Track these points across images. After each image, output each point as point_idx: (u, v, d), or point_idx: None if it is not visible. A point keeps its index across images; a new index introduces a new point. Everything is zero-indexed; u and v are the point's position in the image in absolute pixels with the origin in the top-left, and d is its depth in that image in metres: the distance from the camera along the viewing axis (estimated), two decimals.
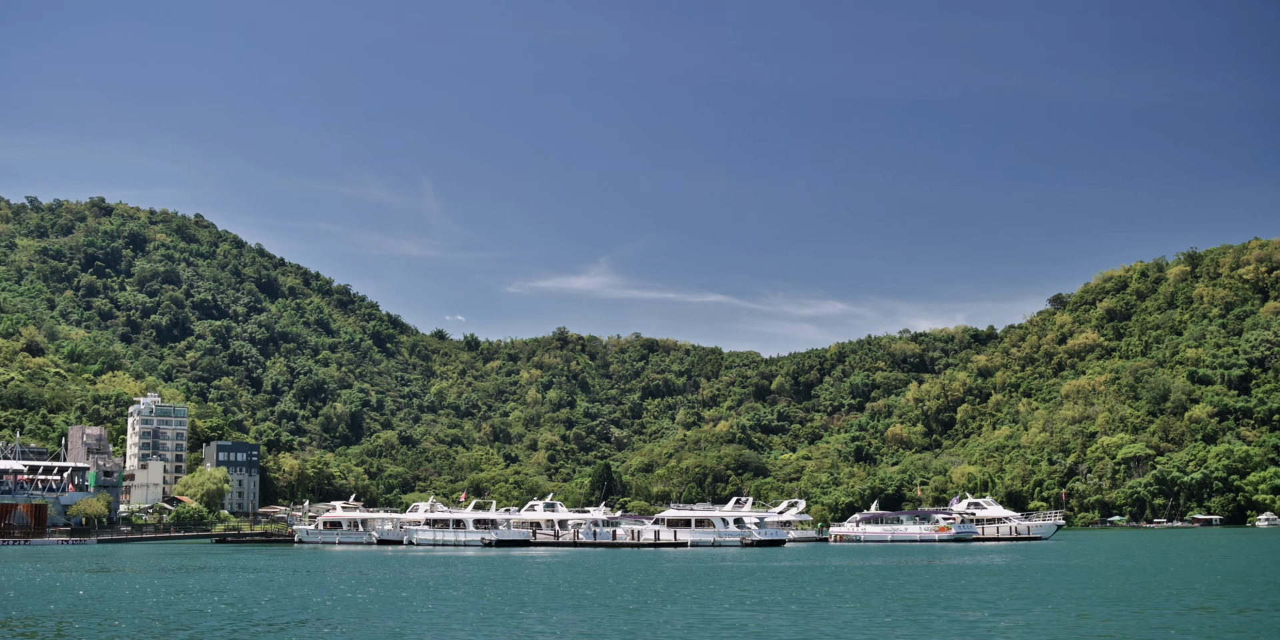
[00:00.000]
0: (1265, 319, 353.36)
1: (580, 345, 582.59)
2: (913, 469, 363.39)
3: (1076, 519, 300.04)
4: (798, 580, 68.70)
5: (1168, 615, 45.57)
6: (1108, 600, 53.08)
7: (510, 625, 45.13)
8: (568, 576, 75.26)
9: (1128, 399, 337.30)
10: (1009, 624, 43.08)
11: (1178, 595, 55.45)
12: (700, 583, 66.95)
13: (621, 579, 70.37)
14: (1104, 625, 42.68)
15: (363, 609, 52.91)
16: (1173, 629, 40.97)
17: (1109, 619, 44.55)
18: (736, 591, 59.97)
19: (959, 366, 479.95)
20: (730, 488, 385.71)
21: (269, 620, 48.53)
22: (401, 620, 47.44)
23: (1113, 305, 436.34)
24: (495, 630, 43.51)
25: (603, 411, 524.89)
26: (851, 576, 72.05)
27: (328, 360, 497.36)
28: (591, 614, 49.06)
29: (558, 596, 58.05)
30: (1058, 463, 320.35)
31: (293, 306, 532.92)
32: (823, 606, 51.88)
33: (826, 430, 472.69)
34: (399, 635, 42.52)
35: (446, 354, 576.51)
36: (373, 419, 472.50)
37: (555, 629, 43.39)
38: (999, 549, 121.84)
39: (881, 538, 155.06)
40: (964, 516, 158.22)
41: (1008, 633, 40.11)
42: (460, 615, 49.23)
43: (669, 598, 56.61)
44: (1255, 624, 42.62)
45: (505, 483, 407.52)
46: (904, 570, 79.64)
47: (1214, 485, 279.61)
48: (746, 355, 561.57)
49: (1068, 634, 39.88)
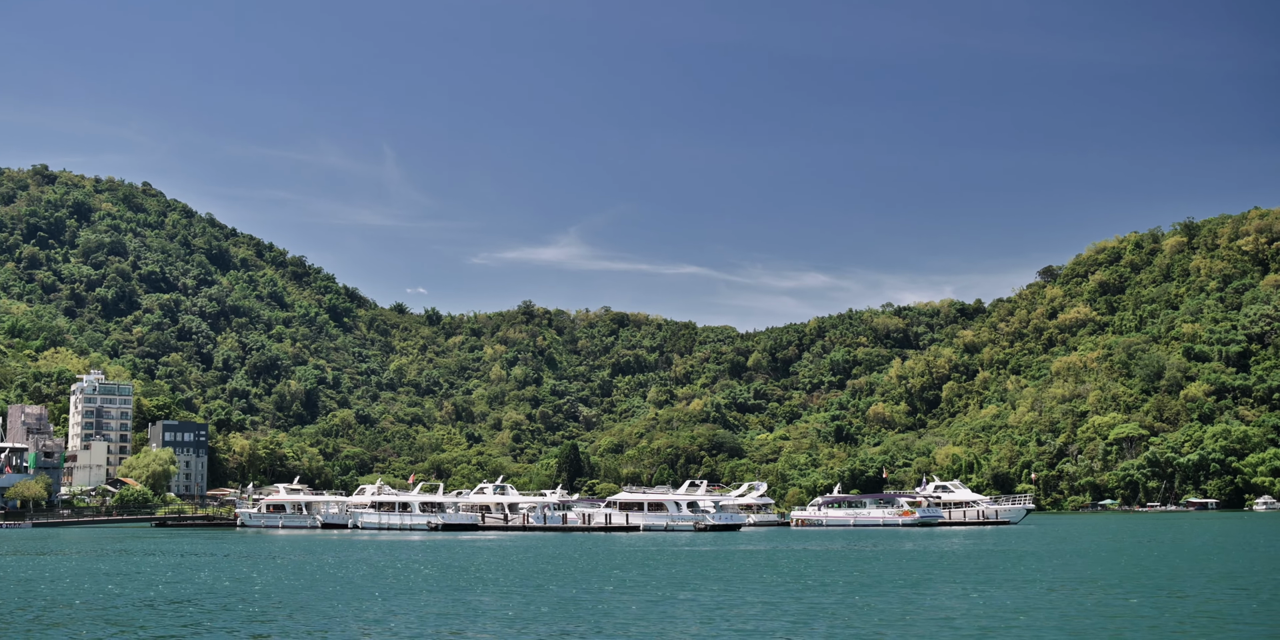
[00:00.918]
0: (1265, 292, 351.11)
1: (547, 319, 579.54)
2: (895, 450, 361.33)
3: (1066, 502, 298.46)
4: (713, 563, 69.53)
5: (1058, 602, 44.91)
6: (1014, 582, 53.54)
7: (358, 609, 45.39)
8: (484, 560, 75.61)
9: (1120, 377, 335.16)
10: (864, 607, 44.03)
11: (1098, 582, 54.43)
12: (613, 567, 67.12)
13: (538, 563, 70.43)
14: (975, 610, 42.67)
15: (247, 593, 53.04)
16: (1026, 613, 40.56)
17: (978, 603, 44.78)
18: (635, 575, 60.22)
19: (944, 342, 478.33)
20: (704, 469, 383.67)
21: (148, 600, 49.14)
22: (271, 605, 47.48)
23: (1106, 278, 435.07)
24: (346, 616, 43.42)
25: (570, 389, 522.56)
26: (780, 559, 73.45)
27: (281, 335, 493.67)
28: (437, 599, 49.05)
29: (446, 581, 57.64)
30: (1046, 444, 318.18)
31: (245, 279, 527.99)
32: (691, 586, 53.27)
33: (805, 409, 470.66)
34: (254, 619, 42.56)
35: (406, 329, 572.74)
36: (329, 397, 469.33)
37: (404, 614, 43.25)
38: (960, 533, 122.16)
39: (844, 522, 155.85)
40: (930, 500, 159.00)
41: (850, 614, 41.40)
42: (327, 600, 49.27)
43: (565, 580, 56.83)
44: (1145, 613, 40.70)
45: (468, 464, 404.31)
46: (839, 555, 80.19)
47: (1210, 467, 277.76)
48: (722, 330, 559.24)
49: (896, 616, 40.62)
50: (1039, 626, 37.32)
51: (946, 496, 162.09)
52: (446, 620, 41.04)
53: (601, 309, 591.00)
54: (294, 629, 39.29)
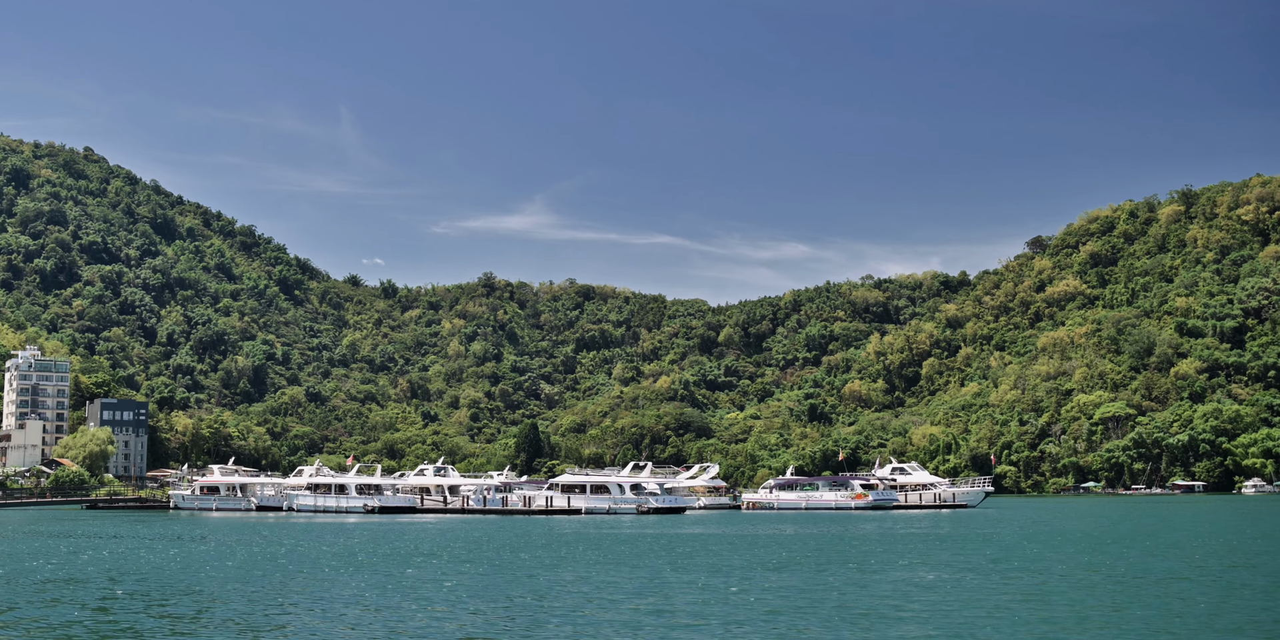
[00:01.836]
0: (1264, 264, 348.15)
1: (509, 292, 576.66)
2: (869, 430, 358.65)
3: (1048, 485, 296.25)
4: (616, 546, 70.55)
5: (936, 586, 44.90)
6: (924, 566, 54.45)
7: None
8: (386, 544, 74.75)
9: (1108, 353, 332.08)
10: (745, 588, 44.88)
11: (1005, 566, 54.58)
12: (514, 550, 67.45)
13: (439, 547, 70.17)
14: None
15: (119, 573, 54.00)
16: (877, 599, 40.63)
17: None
18: (527, 558, 61.69)
19: (926, 316, 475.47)
20: (670, 449, 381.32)
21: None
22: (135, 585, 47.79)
23: (1097, 249, 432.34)
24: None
25: (532, 365, 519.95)
26: (686, 543, 73.90)
27: (229, 309, 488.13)
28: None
29: (330, 566, 58.04)
30: (1029, 423, 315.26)
31: (191, 249, 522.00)
32: (567, 565, 55.36)
33: (778, 386, 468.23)
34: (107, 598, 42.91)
35: (360, 302, 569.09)
36: (278, 374, 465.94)
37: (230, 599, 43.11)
38: (911, 517, 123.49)
39: (795, 505, 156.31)
40: (886, 483, 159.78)
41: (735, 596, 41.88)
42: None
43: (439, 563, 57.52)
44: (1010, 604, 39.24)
45: (423, 444, 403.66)
46: (758, 539, 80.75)
47: (1200, 448, 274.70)
48: (692, 303, 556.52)
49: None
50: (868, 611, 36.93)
51: (903, 479, 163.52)
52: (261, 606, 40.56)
53: (566, 281, 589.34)
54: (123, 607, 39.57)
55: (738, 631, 32.94)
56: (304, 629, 34.40)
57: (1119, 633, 31.95)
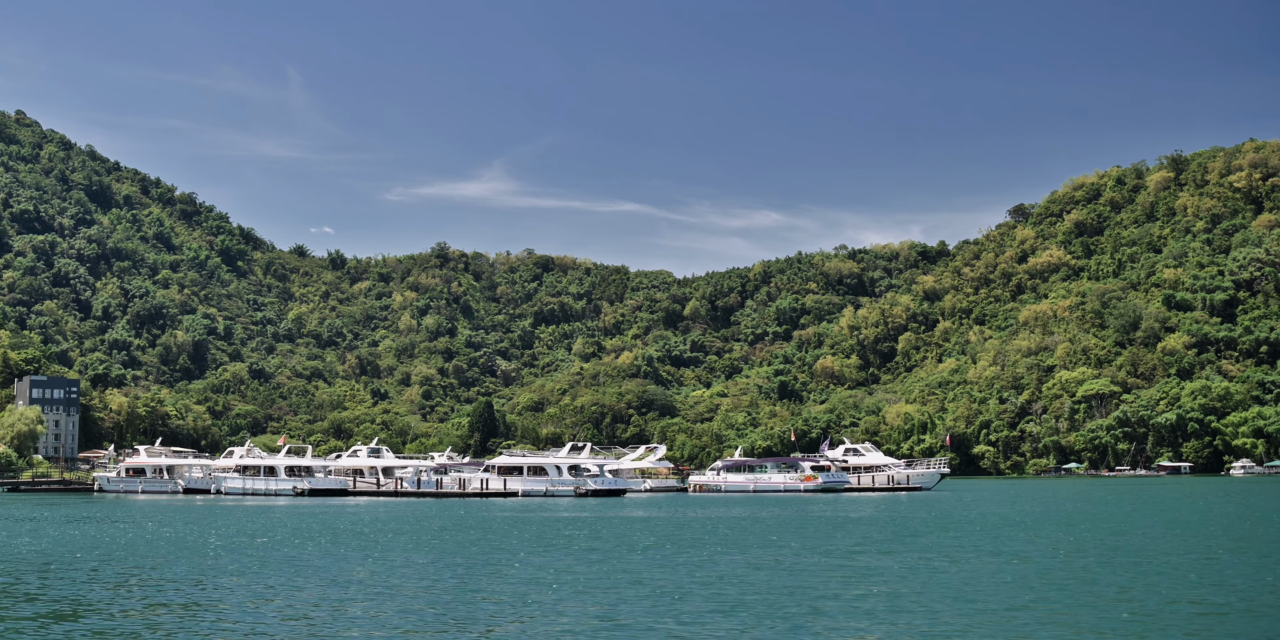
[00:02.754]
0: (1257, 234, 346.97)
1: (463, 263, 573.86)
2: (841, 408, 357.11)
3: (1028, 466, 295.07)
4: (518, 530, 70.87)
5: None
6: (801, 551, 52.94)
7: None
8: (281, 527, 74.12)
9: (1093, 327, 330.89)
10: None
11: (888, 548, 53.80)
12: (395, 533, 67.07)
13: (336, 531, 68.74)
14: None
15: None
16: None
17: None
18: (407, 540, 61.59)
19: (902, 289, 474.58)
20: (633, 429, 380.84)
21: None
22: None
23: (1083, 218, 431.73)
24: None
25: (488, 341, 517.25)
26: (610, 526, 74.54)
27: (168, 281, 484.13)
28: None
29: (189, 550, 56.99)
30: (1008, 401, 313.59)
31: (128, 218, 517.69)
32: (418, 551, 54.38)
33: (747, 363, 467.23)
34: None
35: (307, 273, 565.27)
36: (219, 349, 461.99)
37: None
38: (862, 500, 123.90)
39: (743, 487, 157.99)
40: (837, 464, 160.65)
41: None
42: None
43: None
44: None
45: (371, 423, 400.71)
46: (668, 521, 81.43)
47: (1188, 428, 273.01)
48: (656, 275, 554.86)
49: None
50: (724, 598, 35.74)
51: (856, 460, 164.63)
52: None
53: (524, 252, 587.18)
54: None
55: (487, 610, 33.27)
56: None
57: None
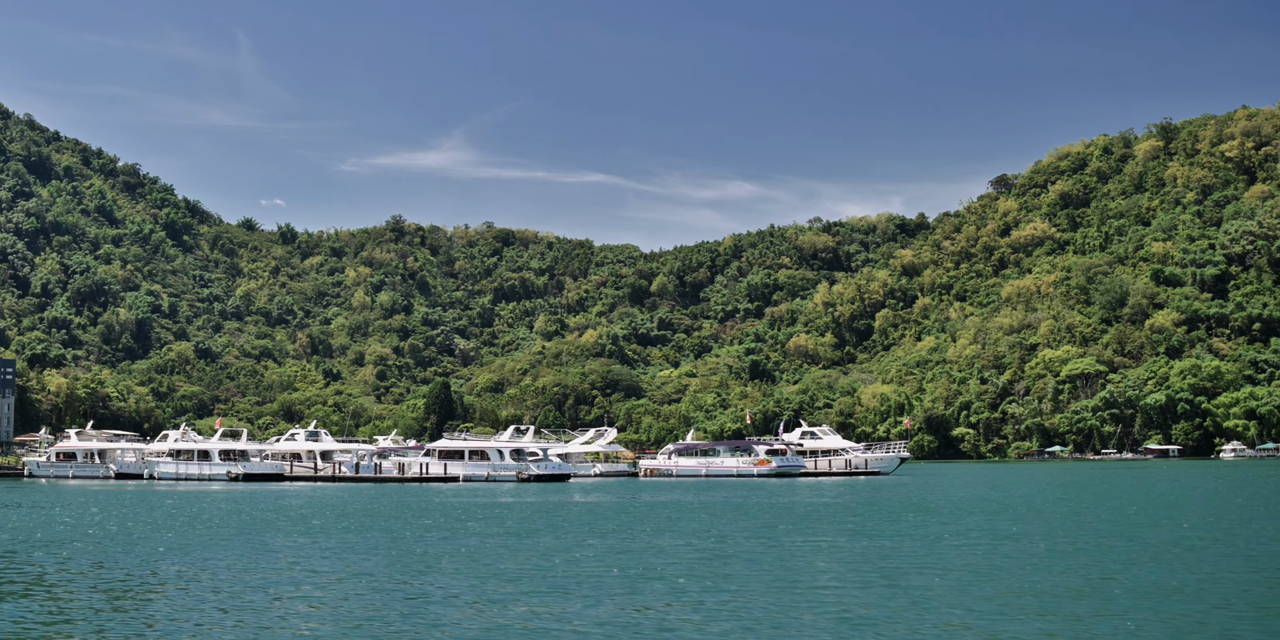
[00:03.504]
0: (1250, 206, 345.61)
1: (420, 237, 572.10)
2: (814, 389, 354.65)
3: (1010, 449, 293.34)
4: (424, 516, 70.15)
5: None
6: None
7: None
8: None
9: (1078, 304, 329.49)
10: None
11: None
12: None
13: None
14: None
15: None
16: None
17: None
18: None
19: (880, 263, 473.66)
20: (596, 410, 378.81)
21: None
22: None
23: (1068, 189, 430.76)
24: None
25: (445, 318, 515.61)
26: (517, 510, 74.55)
27: (110, 256, 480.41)
28: None
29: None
30: (990, 381, 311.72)
31: (68, 191, 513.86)
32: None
33: (717, 341, 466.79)
34: None
35: (256, 248, 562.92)
36: (164, 328, 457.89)
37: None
38: (814, 485, 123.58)
39: (695, 472, 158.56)
40: (794, 448, 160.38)
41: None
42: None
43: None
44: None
45: (323, 405, 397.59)
46: (587, 507, 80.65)
47: (1178, 409, 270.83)
48: (622, 249, 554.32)
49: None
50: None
51: (813, 444, 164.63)
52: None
53: (483, 225, 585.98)
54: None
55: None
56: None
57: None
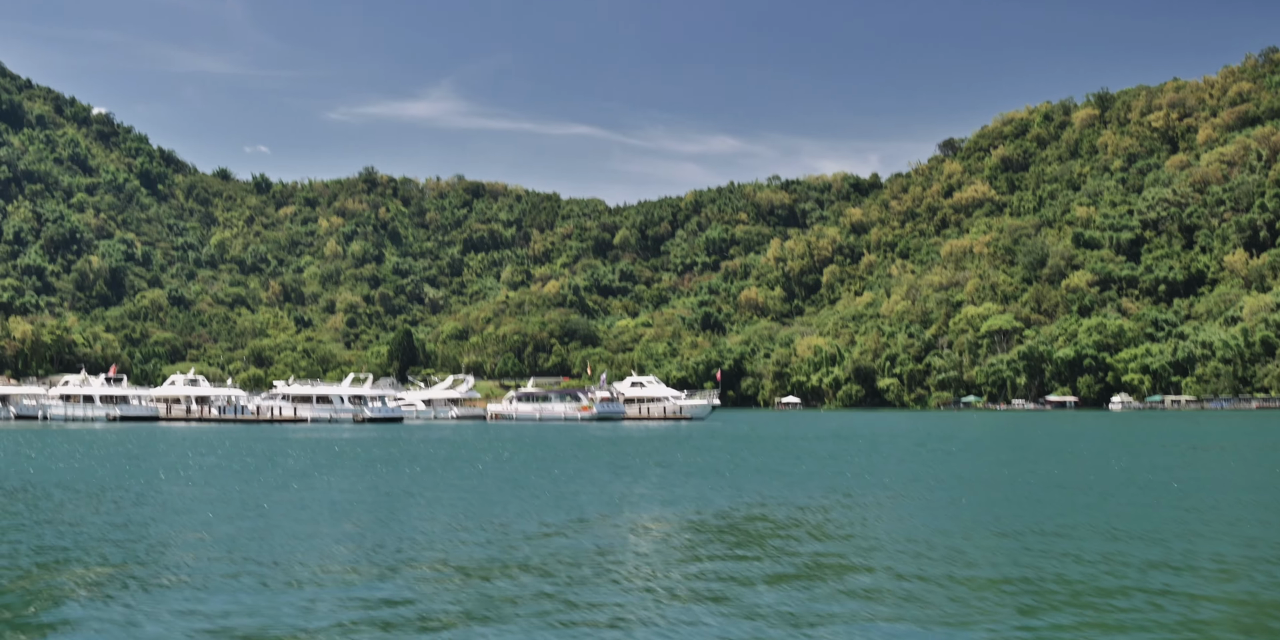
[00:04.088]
0: (1168, 174, 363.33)
1: (392, 188, 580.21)
2: (756, 340, 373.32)
3: (931, 399, 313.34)
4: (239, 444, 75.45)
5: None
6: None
7: None
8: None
9: (1003, 264, 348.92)
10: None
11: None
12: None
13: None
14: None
15: None
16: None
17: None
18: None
19: (831, 221, 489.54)
20: (554, 358, 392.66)
21: None
22: None
23: (1009, 153, 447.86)
24: None
25: (415, 268, 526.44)
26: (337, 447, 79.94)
27: (83, 204, 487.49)
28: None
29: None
30: (916, 336, 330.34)
31: (41, 139, 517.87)
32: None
33: (675, 293, 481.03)
34: None
35: (231, 197, 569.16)
36: (137, 276, 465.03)
37: None
38: (614, 426, 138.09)
39: (531, 416, 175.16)
40: (618, 395, 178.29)
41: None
42: None
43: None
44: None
45: (293, 351, 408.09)
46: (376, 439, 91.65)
47: (1084, 363, 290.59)
48: (588, 203, 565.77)
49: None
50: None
51: (638, 392, 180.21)
52: None
53: (454, 177, 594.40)
54: None
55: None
56: None
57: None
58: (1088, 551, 24.17)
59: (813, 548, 24.93)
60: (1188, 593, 19.62)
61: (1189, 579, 20.88)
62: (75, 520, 31.05)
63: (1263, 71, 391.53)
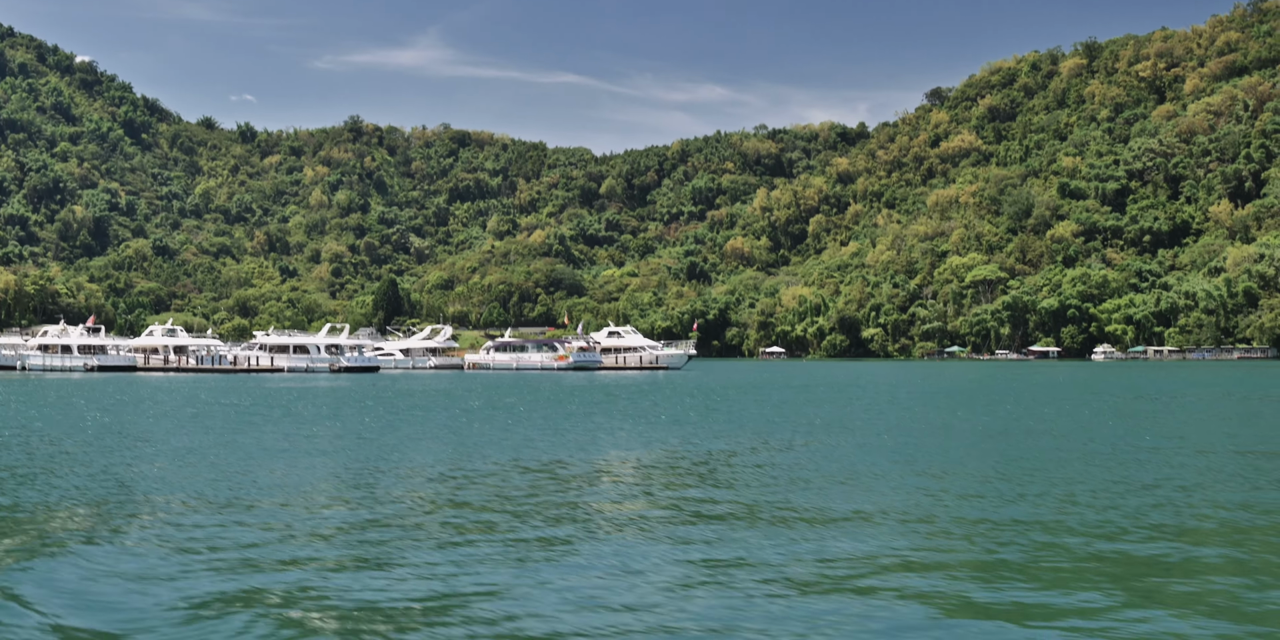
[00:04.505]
0: (1155, 124, 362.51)
1: (377, 137, 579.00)
2: (742, 290, 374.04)
3: (915, 349, 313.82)
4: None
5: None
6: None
7: None
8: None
9: (988, 214, 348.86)
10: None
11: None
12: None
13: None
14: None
15: None
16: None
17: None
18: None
19: (817, 170, 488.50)
20: (540, 308, 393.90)
21: None
22: None
23: (996, 103, 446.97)
24: None
25: (401, 217, 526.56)
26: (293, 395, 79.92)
27: (67, 154, 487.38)
28: None
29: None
30: (901, 286, 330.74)
31: (24, 88, 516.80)
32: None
33: (661, 242, 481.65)
34: None
35: (215, 146, 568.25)
36: (121, 225, 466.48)
37: None
38: (590, 375, 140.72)
39: (508, 366, 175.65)
40: (595, 345, 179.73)
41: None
42: None
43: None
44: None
45: (278, 301, 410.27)
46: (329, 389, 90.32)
47: (1068, 313, 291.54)
48: (575, 153, 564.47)
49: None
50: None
51: (615, 342, 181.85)
52: None
53: (440, 126, 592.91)
54: None
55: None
56: None
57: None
58: (988, 490, 24.45)
59: (699, 494, 25.10)
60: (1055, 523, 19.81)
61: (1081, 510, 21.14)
62: (48, 466, 30.98)
63: (1251, 21, 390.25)
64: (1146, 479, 27.14)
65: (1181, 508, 22.55)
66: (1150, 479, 27.16)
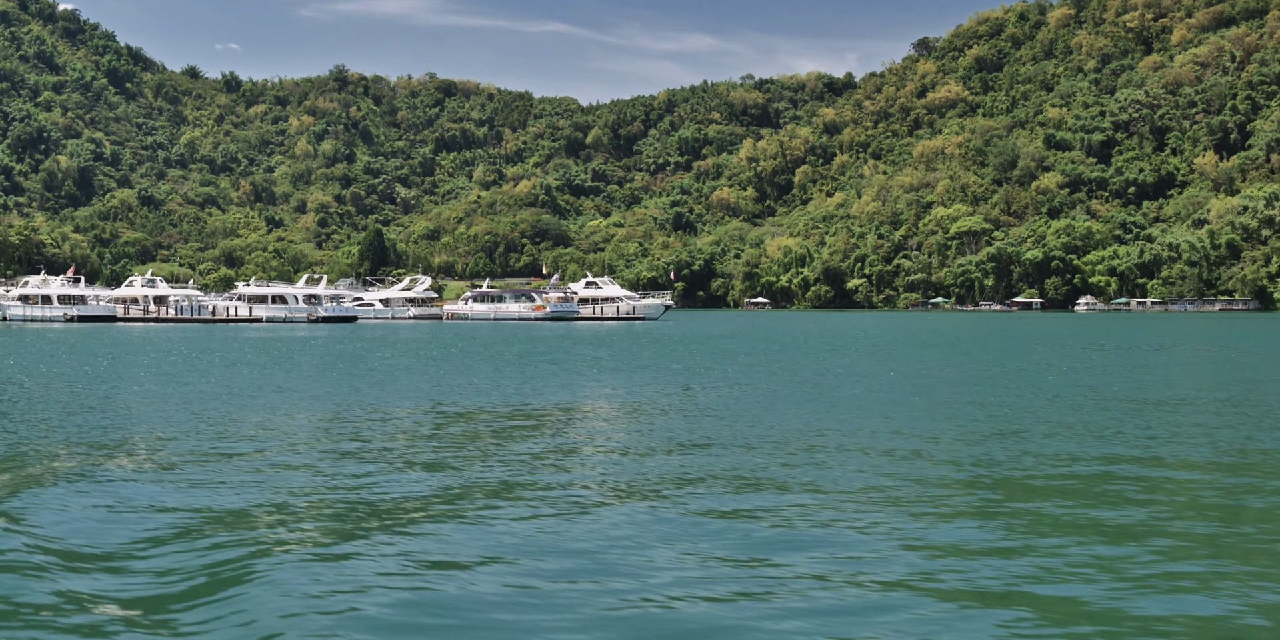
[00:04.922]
0: (1142, 76, 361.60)
1: (363, 87, 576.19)
2: (727, 240, 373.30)
3: (899, 300, 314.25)
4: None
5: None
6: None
7: None
8: None
9: (974, 165, 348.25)
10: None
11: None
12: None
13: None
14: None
15: None
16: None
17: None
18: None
19: (804, 121, 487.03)
20: (526, 258, 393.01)
21: None
22: None
23: (984, 53, 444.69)
24: None
25: (387, 167, 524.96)
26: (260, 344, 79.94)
27: (50, 103, 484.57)
28: None
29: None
30: (886, 237, 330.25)
31: (6, 37, 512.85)
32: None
33: (647, 193, 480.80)
34: None
35: (200, 96, 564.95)
36: (106, 175, 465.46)
37: None
38: (566, 325, 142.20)
39: (486, 316, 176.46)
40: (572, 295, 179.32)
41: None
42: None
43: None
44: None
45: (264, 252, 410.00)
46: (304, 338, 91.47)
47: (1052, 265, 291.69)
48: (561, 102, 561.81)
49: None
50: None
51: (593, 292, 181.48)
52: None
53: (426, 76, 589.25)
54: None
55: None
56: None
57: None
58: (914, 427, 24.22)
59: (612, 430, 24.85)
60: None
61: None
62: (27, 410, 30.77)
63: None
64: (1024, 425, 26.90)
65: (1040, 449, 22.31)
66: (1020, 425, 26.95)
